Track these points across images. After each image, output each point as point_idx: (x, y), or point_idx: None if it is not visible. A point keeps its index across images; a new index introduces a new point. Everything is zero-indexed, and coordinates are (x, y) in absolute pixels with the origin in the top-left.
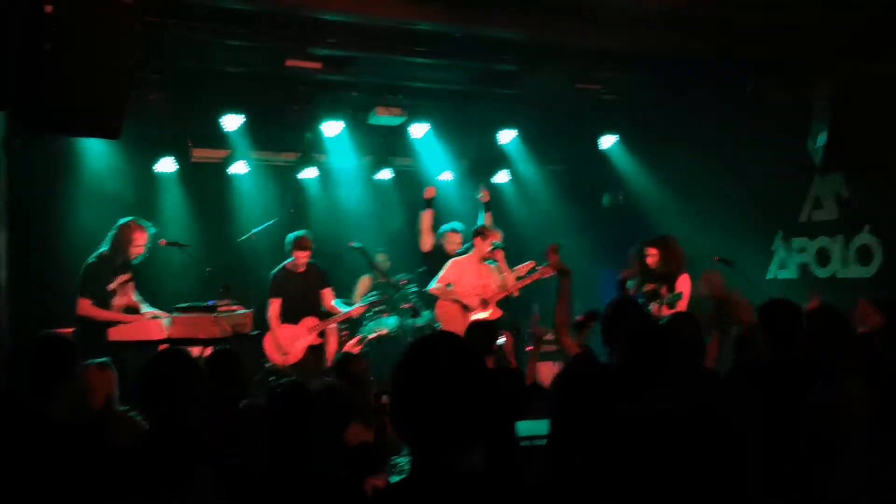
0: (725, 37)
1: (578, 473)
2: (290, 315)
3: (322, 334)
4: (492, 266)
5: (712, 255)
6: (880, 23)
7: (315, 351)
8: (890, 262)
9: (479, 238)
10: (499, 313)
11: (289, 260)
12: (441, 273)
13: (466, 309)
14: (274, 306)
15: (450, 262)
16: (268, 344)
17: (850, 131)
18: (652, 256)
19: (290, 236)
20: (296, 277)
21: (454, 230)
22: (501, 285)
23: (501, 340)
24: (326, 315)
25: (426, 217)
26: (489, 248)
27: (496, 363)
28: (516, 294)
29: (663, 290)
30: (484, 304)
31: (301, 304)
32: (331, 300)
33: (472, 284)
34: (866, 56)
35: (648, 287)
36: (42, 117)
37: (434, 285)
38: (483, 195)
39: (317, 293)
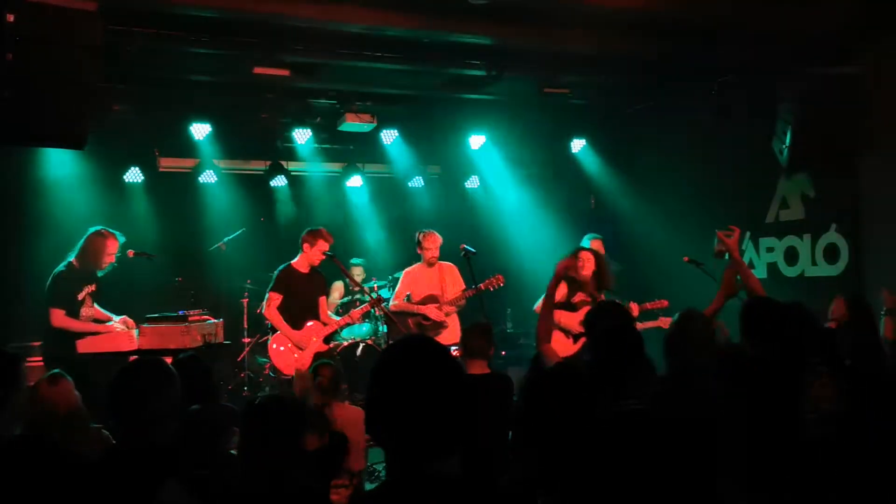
0: (692, 40)
1: (546, 475)
2: (292, 318)
3: (328, 340)
4: (446, 266)
5: (681, 256)
6: (842, 26)
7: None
8: (857, 260)
9: (419, 248)
10: (454, 319)
11: (296, 258)
12: (397, 288)
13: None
14: (274, 301)
15: (402, 274)
16: (277, 346)
17: (814, 132)
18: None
19: (311, 228)
20: (301, 278)
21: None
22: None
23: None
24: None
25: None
26: (432, 255)
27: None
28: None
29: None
30: (441, 309)
31: (304, 307)
32: (326, 310)
33: (427, 292)
34: (829, 59)
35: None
36: (5, 128)
37: (393, 301)
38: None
39: (317, 299)
